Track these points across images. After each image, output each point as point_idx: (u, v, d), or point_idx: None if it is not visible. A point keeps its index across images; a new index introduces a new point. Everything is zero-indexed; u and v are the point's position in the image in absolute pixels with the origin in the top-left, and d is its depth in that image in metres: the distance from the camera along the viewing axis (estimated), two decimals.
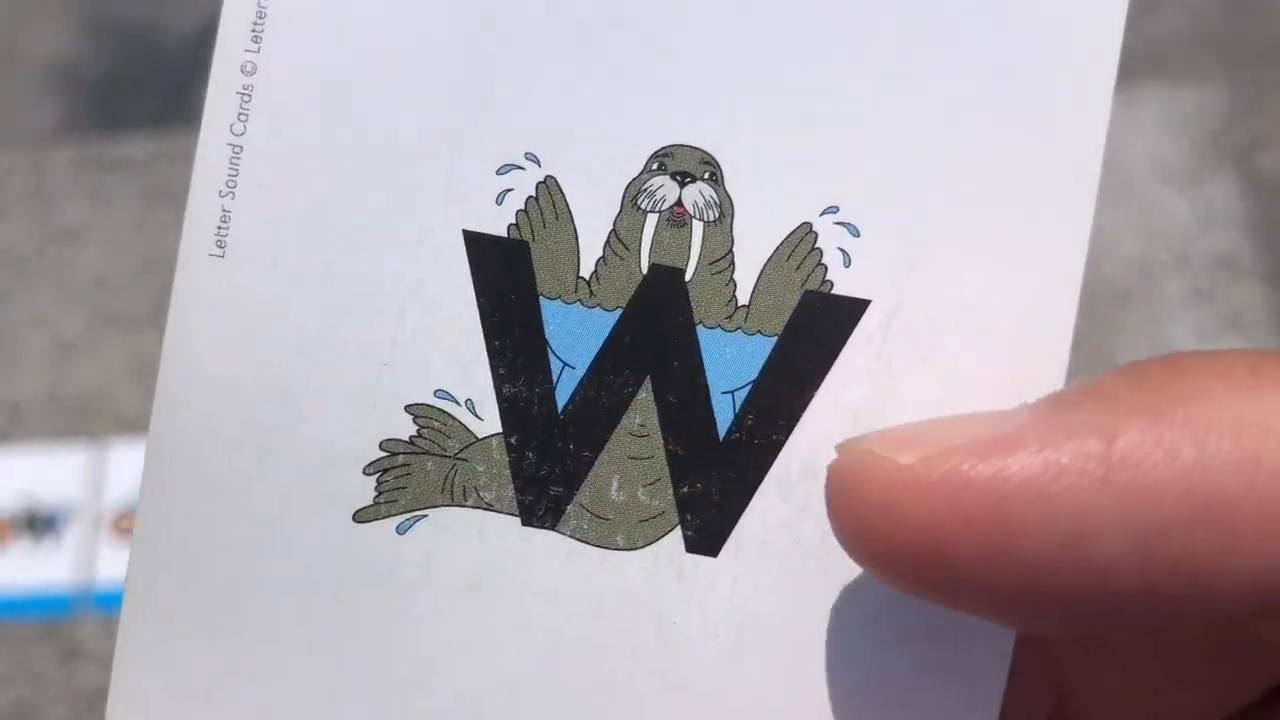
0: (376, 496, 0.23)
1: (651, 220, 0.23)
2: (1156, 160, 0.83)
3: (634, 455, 0.23)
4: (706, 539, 0.23)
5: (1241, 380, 0.18)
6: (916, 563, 0.19)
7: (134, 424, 0.87)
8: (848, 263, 0.23)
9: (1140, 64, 0.89)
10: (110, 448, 0.86)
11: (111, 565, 0.84)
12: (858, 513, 0.19)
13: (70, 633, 0.82)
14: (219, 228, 0.22)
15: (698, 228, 0.23)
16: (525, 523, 0.23)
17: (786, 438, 0.23)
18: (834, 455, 0.20)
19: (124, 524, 0.85)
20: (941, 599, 0.20)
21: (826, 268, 0.23)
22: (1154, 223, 0.82)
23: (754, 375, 0.23)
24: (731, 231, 0.23)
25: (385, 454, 0.23)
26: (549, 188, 0.23)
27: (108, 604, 0.83)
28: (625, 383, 0.23)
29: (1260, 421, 0.17)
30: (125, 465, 0.86)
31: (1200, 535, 0.17)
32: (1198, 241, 0.83)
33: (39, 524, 0.85)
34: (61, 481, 0.86)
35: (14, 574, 0.84)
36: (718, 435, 0.23)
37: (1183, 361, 0.19)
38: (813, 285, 0.23)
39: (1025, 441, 0.18)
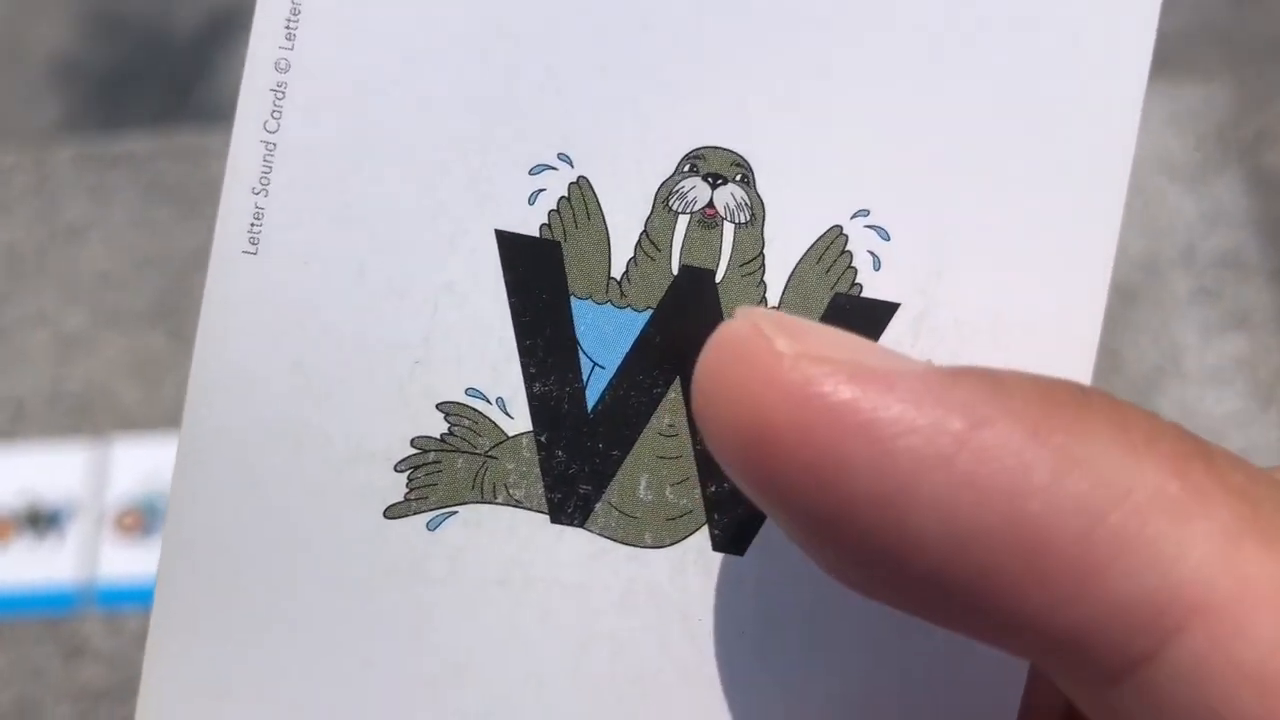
0: (408, 493, 0.23)
1: (683, 221, 0.23)
2: (1162, 157, 0.84)
3: (662, 454, 0.23)
4: (733, 538, 0.23)
5: (1134, 441, 0.18)
6: (740, 445, 0.18)
7: (136, 421, 0.87)
8: (877, 266, 0.23)
9: None
10: (112, 445, 0.86)
11: (114, 563, 0.84)
12: (715, 371, 0.19)
13: (73, 630, 0.82)
14: (252, 225, 0.22)
15: (729, 229, 0.23)
16: (554, 520, 0.23)
17: None
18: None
19: (126, 521, 0.85)
20: (753, 494, 0.19)
21: (856, 270, 0.23)
22: (1160, 220, 0.82)
23: None
24: (762, 233, 0.23)
25: (417, 451, 0.23)
26: (581, 188, 0.23)
27: (110, 601, 0.83)
28: (655, 383, 0.23)
29: (1125, 484, 0.17)
30: (127, 462, 0.86)
31: (1011, 560, 0.17)
32: (1204, 239, 0.83)
33: (41, 521, 0.85)
34: (64, 479, 0.86)
35: (16, 571, 0.84)
36: None
37: (1092, 398, 0.18)
38: (842, 288, 0.23)
39: (897, 388, 0.18)
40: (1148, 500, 0.17)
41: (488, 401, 0.23)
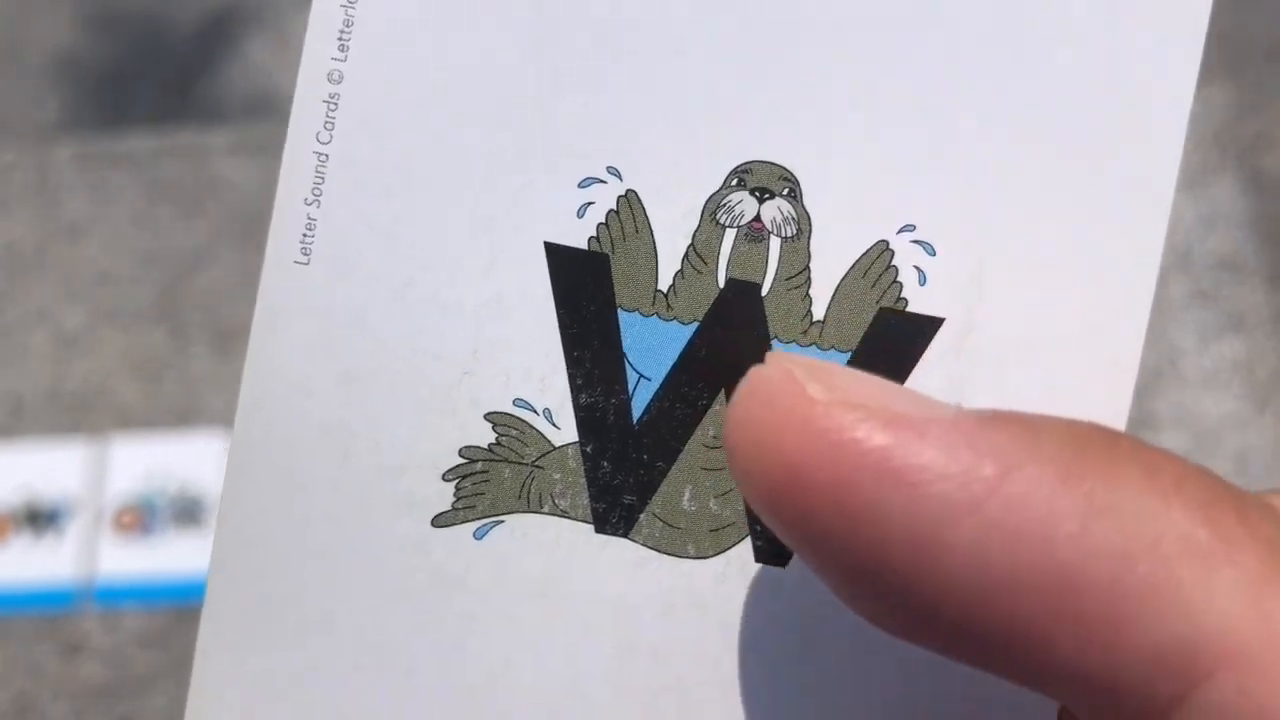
0: (455, 502, 0.23)
1: (730, 235, 0.23)
2: None
3: (707, 466, 0.23)
4: (775, 549, 0.23)
5: (1163, 487, 0.18)
6: (773, 490, 0.19)
7: (135, 419, 0.87)
8: (923, 281, 0.23)
9: None
10: (111, 443, 0.86)
11: (112, 560, 0.84)
12: (747, 417, 0.19)
13: (72, 628, 0.82)
14: (304, 235, 0.23)
15: (775, 243, 0.23)
16: (599, 530, 0.23)
17: None
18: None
19: (125, 519, 0.85)
20: (784, 537, 0.19)
21: (901, 285, 0.23)
22: None
23: None
24: (809, 248, 0.23)
25: (464, 460, 0.23)
26: (629, 201, 0.23)
27: (108, 599, 0.83)
28: (700, 395, 0.23)
29: (1154, 531, 0.17)
30: (126, 460, 0.86)
31: (1040, 606, 0.17)
32: (1201, 241, 0.83)
33: (40, 519, 0.85)
34: (62, 476, 0.86)
35: (14, 569, 0.84)
36: None
37: (1121, 442, 0.18)
38: (888, 303, 0.23)
39: (930, 434, 0.18)
40: (1176, 548, 0.17)
41: (535, 412, 0.23)
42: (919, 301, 0.23)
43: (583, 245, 0.23)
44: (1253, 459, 0.80)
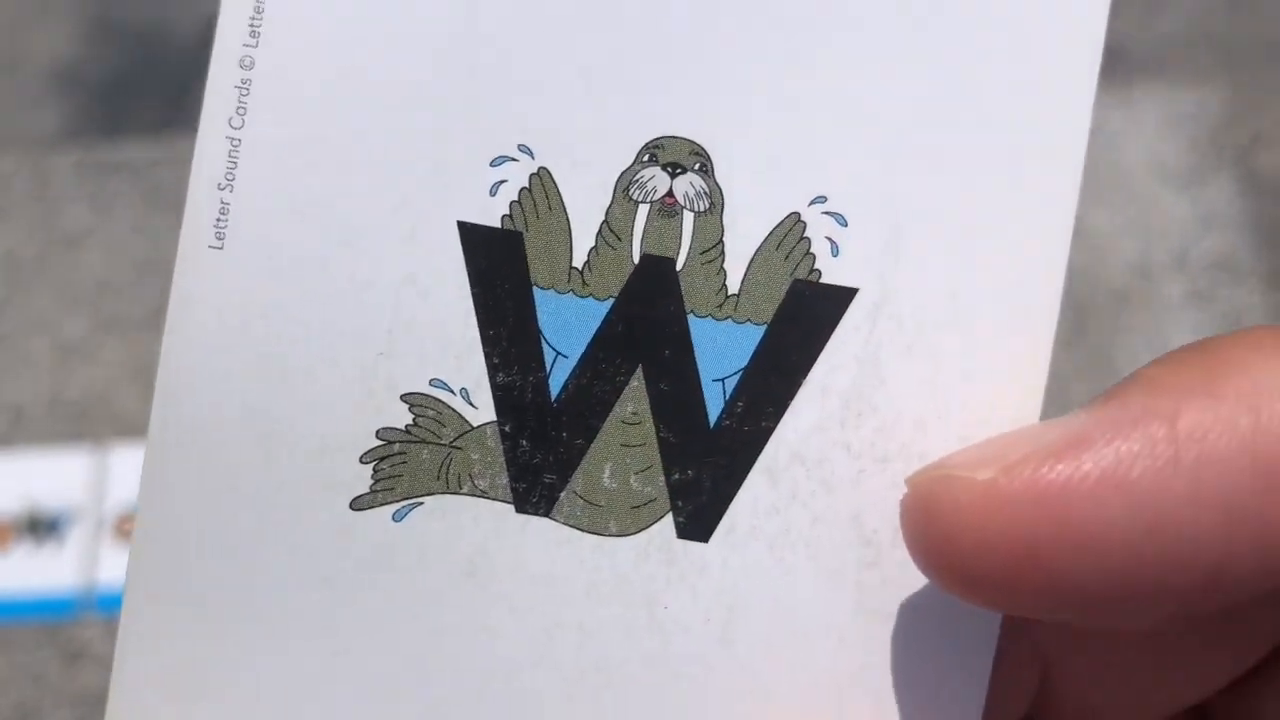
0: (373, 484, 0.23)
1: (643, 211, 0.23)
2: (1156, 161, 0.84)
3: (626, 443, 0.23)
4: (697, 525, 0.23)
5: (1273, 349, 0.19)
6: (1014, 575, 0.19)
7: (136, 427, 0.87)
8: (836, 252, 0.23)
9: (1140, 64, 0.90)
10: (112, 451, 0.87)
11: (114, 568, 0.84)
12: (946, 537, 0.20)
13: (73, 636, 0.82)
14: (218, 220, 0.23)
15: (688, 218, 0.23)
16: (519, 510, 0.23)
17: (775, 425, 0.23)
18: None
19: (126, 526, 0.85)
20: (1034, 608, 0.20)
21: (815, 257, 0.23)
22: (1153, 223, 0.83)
23: (744, 363, 0.23)
24: (722, 221, 0.23)
25: (382, 442, 0.23)
26: (542, 179, 0.23)
27: (110, 607, 0.83)
28: (618, 371, 0.23)
29: None
30: (127, 468, 0.86)
31: (1269, 499, 0.18)
32: (1197, 242, 0.83)
33: (41, 527, 0.85)
34: (63, 485, 0.86)
35: (16, 577, 0.84)
36: (708, 422, 0.23)
37: (1213, 343, 0.19)
38: (801, 274, 0.23)
39: (1093, 438, 0.19)
40: None
41: (451, 392, 0.23)
42: (833, 272, 0.23)
43: (496, 224, 0.23)
44: None
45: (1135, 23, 0.91)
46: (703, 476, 0.23)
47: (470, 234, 0.23)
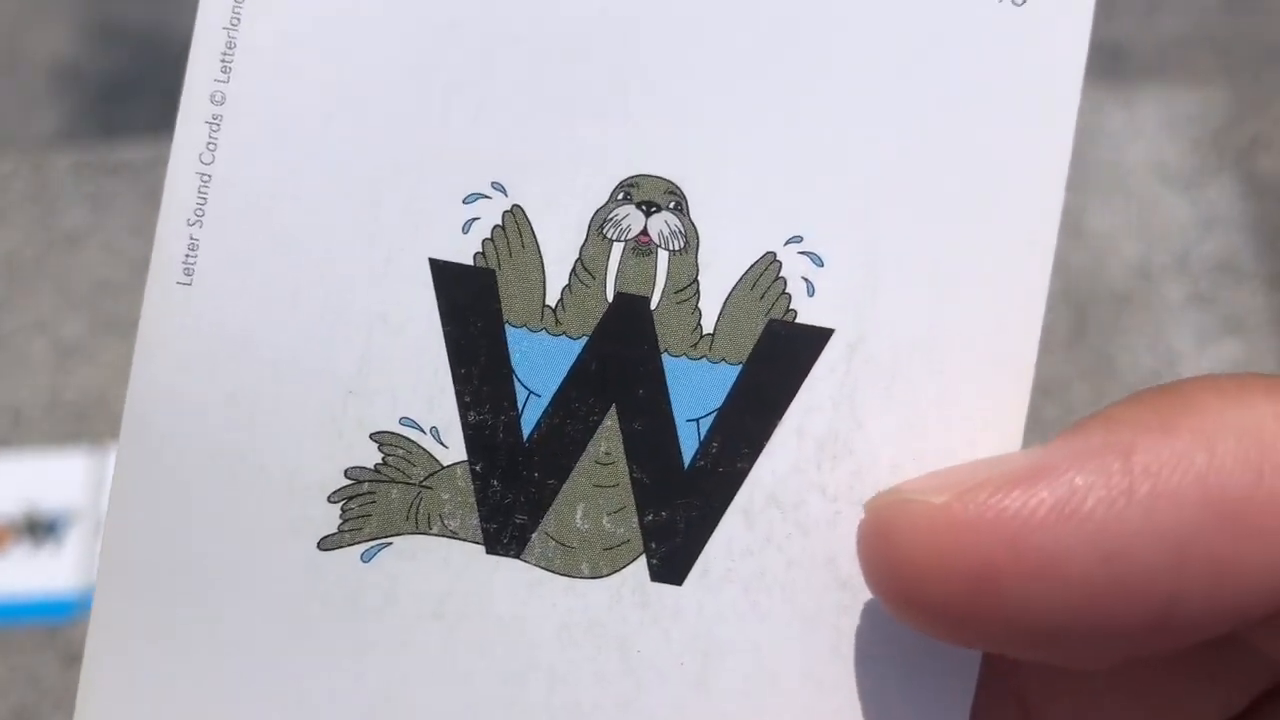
0: (341, 524, 0.23)
1: (617, 249, 0.23)
2: (1157, 162, 0.83)
3: (599, 483, 0.23)
4: (671, 567, 0.23)
5: (1233, 393, 0.19)
6: (967, 602, 0.19)
7: None
8: (811, 292, 0.23)
9: (1140, 65, 0.89)
10: (111, 452, 0.86)
11: None
12: (900, 560, 0.20)
13: (71, 638, 0.82)
14: (186, 256, 0.22)
15: (663, 257, 0.23)
16: (490, 550, 0.23)
17: (751, 466, 0.23)
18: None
19: None
20: (987, 639, 0.20)
21: (790, 297, 0.23)
22: (1154, 225, 0.82)
23: (719, 403, 0.23)
24: (696, 260, 0.23)
25: (350, 482, 0.23)
26: (515, 216, 0.23)
27: None
28: (591, 411, 0.23)
29: (1256, 424, 0.18)
30: None
31: (1220, 536, 0.18)
32: (1199, 244, 0.83)
33: (40, 529, 0.85)
34: (62, 486, 0.86)
35: (14, 579, 0.84)
36: (683, 463, 0.23)
37: (1174, 385, 0.20)
38: (776, 314, 0.23)
39: (1050, 469, 0.19)
40: None
41: (422, 431, 0.23)
42: (808, 313, 0.23)
43: (468, 261, 0.23)
44: None
45: (1136, 24, 0.90)
46: (676, 518, 0.23)
47: (442, 271, 0.23)
